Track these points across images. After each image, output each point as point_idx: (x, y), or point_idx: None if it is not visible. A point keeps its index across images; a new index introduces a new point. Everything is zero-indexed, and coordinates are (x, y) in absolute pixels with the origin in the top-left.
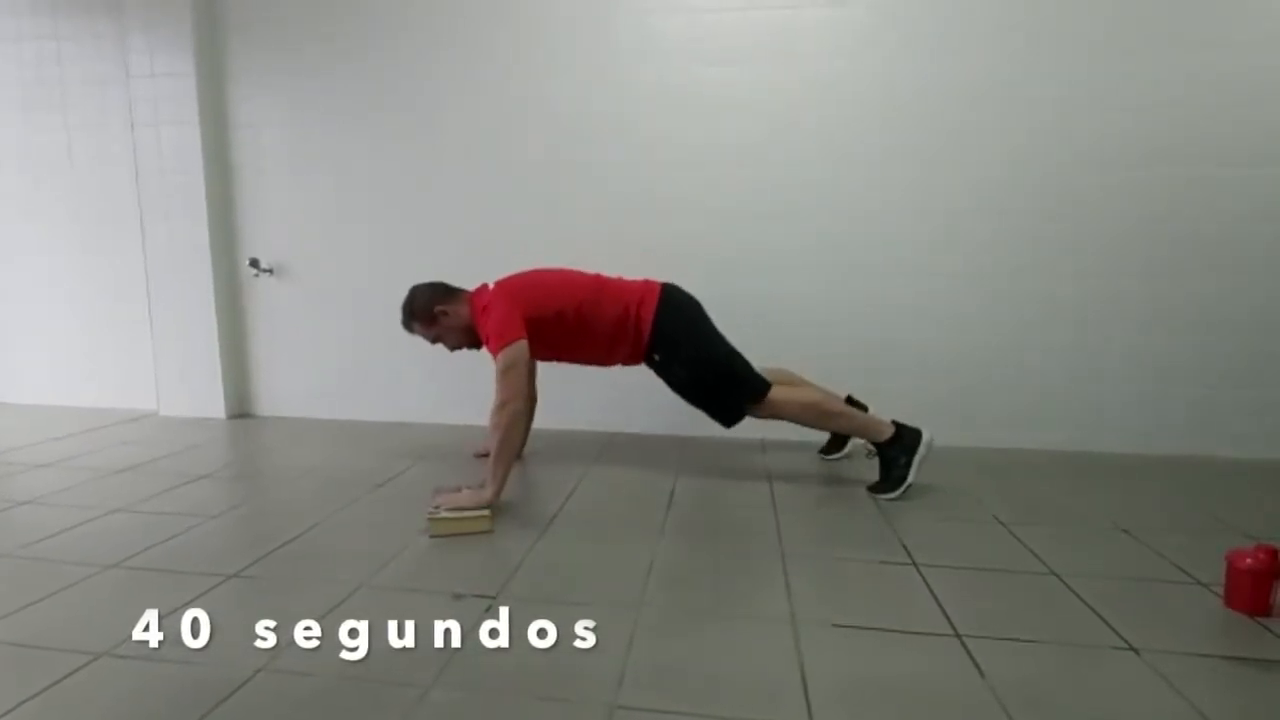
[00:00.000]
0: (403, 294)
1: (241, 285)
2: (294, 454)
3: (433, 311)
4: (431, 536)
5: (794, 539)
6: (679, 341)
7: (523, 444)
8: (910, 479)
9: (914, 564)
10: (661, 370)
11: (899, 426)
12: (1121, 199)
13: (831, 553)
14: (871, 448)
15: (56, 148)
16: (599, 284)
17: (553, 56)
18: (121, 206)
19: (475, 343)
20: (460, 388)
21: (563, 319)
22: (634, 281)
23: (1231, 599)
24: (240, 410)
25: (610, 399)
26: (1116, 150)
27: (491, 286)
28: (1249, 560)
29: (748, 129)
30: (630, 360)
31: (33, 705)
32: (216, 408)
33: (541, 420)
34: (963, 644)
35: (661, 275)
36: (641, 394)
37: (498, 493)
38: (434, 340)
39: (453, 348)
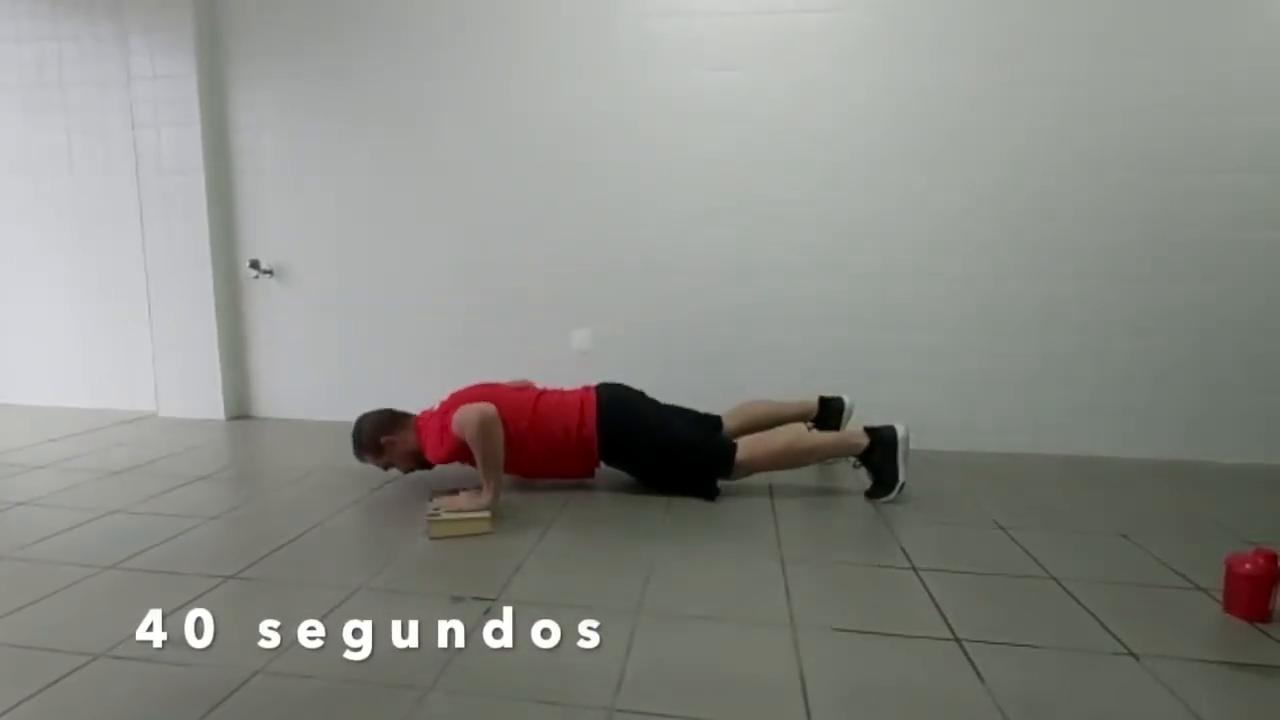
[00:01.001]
0: (403, 295)
1: (241, 287)
2: (293, 455)
3: (379, 442)
4: (431, 538)
5: (793, 543)
6: (629, 444)
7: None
8: (902, 477)
9: (913, 568)
10: (624, 468)
11: (871, 432)
12: (1120, 203)
13: (831, 557)
14: (856, 460)
15: (57, 149)
16: (537, 401)
17: (552, 60)
18: (122, 208)
19: (425, 464)
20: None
21: (520, 436)
22: (570, 393)
23: (1231, 604)
24: (239, 412)
25: None
26: (1115, 154)
27: (434, 407)
28: (1248, 565)
29: (746, 132)
30: (587, 472)
31: (31, 705)
32: (216, 409)
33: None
34: (962, 649)
35: (660, 278)
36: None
37: (495, 494)
38: (385, 468)
39: (405, 471)
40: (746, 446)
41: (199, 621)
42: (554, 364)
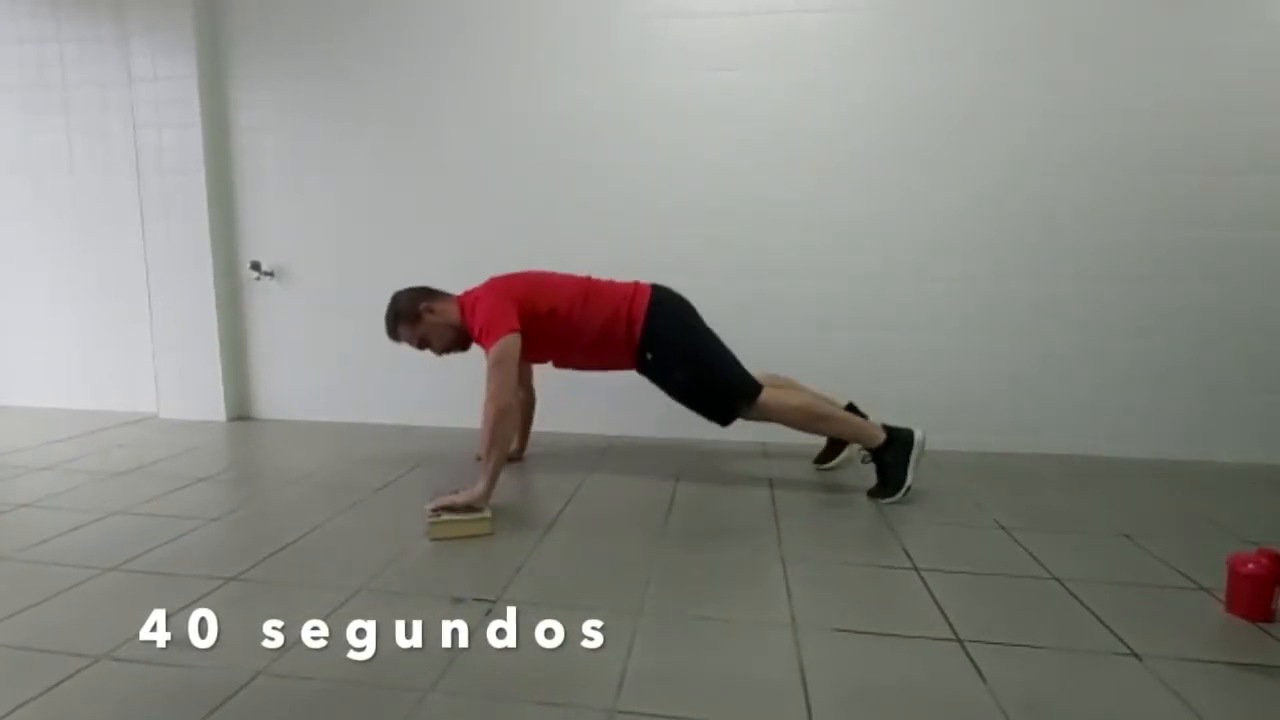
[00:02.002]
0: None
1: (242, 288)
2: (294, 457)
3: (417, 310)
4: (432, 540)
5: (794, 543)
6: (671, 341)
7: (522, 446)
8: (909, 481)
9: (915, 568)
10: (654, 371)
11: (890, 430)
12: (1120, 203)
13: (832, 557)
14: (866, 453)
15: (58, 150)
16: (588, 285)
17: (552, 60)
18: (122, 208)
19: (464, 343)
20: (461, 390)
21: (554, 318)
22: (623, 283)
23: (1233, 604)
24: (240, 413)
25: (611, 403)
26: (1115, 154)
27: (478, 286)
28: (1250, 565)
29: (747, 132)
30: (622, 362)
31: (33, 707)
32: (216, 410)
33: (542, 424)
34: (964, 649)
35: (660, 279)
36: (642, 398)
37: (490, 489)
38: (420, 344)
39: (440, 350)
40: (773, 392)
41: (201, 623)
42: None
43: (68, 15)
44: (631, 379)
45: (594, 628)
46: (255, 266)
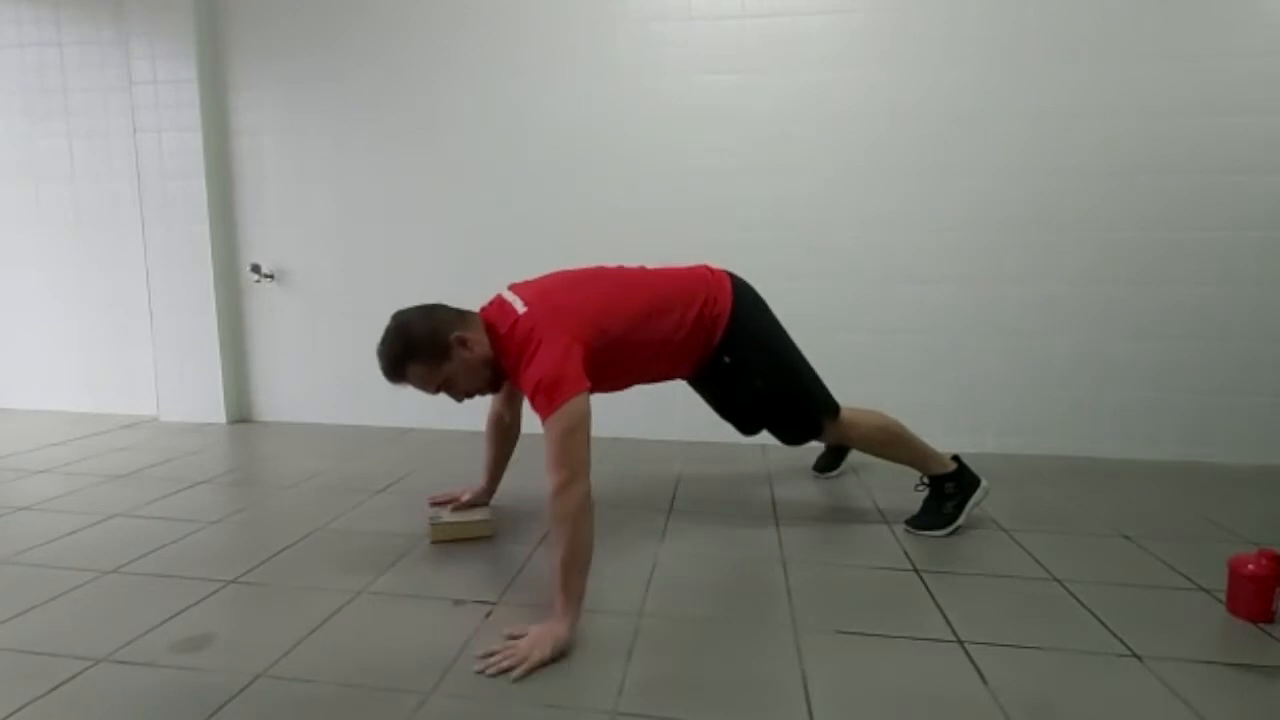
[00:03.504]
0: (405, 298)
1: (242, 291)
2: (294, 459)
3: (446, 342)
4: (432, 542)
5: (795, 545)
6: (758, 343)
7: (498, 475)
8: (960, 521)
9: (915, 570)
10: (726, 377)
11: (960, 465)
12: (1120, 205)
13: (833, 559)
14: (925, 481)
15: (58, 154)
16: (657, 287)
17: (553, 63)
18: (123, 212)
19: (497, 383)
20: None
21: (628, 340)
22: (691, 270)
23: (1234, 605)
24: (240, 415)
25: (611, 403)
26: (1115, 156)
27: (519, 305)
28: (1251, 566)
29: (748, 134)
30: (684, 370)
31: (33, 710)
32: (217, 413)
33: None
34: (965, 650)
35: None
36: (642, 397)
37: (576, 616)
38: (438, 388)
39: (466, 395)
40: (852, 410)
41: (201, 626)
42: None
43: (69, 19)
44: None
45: (594, 629)
46: (255, 269)
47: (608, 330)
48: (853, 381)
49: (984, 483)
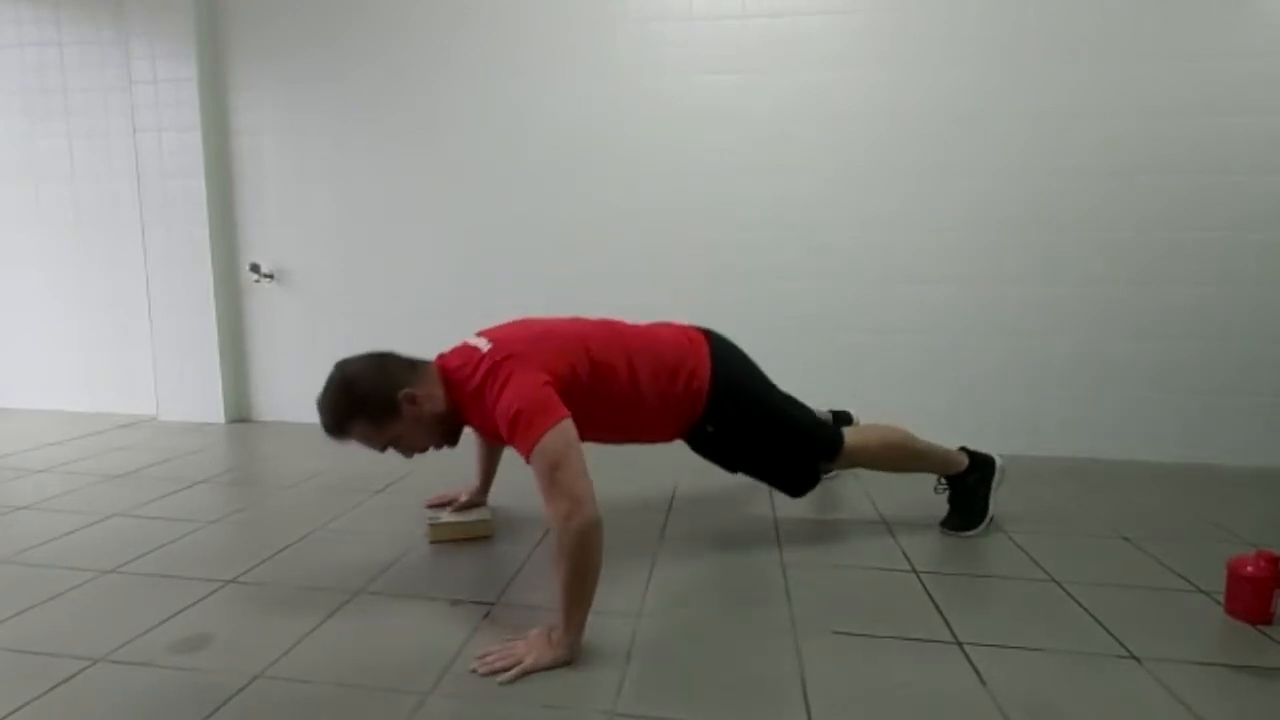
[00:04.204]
0: (404, 298)
1: (241, 290)
2: (293, 459)
3: (394, 400)
4: (431, 542)
5: (794, 546)
6: (741, 409)
7: (486, 486)
8: (991, 511)
9: (914, 571)
10: (714, 443)
11: (971, 454)
12: (1120, 205)
13: (831, 560)
14: (943, 483)
15: (58, 154)
16: (630, 338)
17: (553, 63)
18: (122, 212)
19: (454, 436)
20: None
21: (602, 391)
22: (669, 331)
23: (1232, 606)
24: (239, 415)
25: None
26: (1115, 157)
27: (483, 345)
28: (1250, 567)
29: (748, 134)
30: (664, 435)
31: (32, 710)
32: (216, 413)
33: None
34: (963, 651)
35: (660, 279)
36: None
37: (577, 640)
38: (384, 447)
39: (419, 450)
40: (851, 433)
41: (199, 626)
42: None
43: (68, 18)
44: None
45: (594, 629)
46: (255, 269)
47: (577, 371)
48: (853, 382)
49: (998, 461)
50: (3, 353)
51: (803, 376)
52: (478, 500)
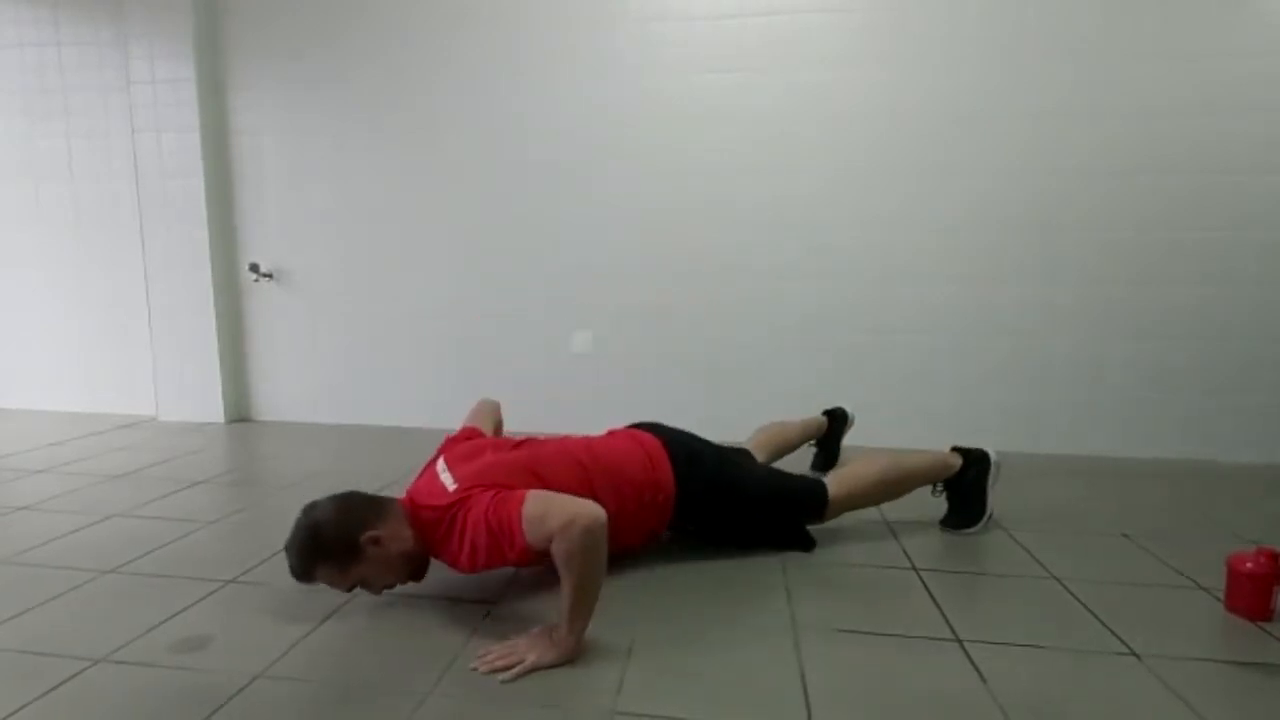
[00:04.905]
0: (404, 297)
1: (241, 290)
2: (293, 459)
3: (356, 543)
4: None
5: None
6: (713, 503)
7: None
8: (990, 507)
9: (914, 569)
10: (701, 536)
11: (964, 452)
12: (1119, 205)
13: (831, 558)
14: (939, 486)
15: (57, 154)
16: (589, 459)
17: (552, 62)
18: (122, 212)
19: (420, 570)
20: (460, 392)
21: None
22: (621, 441)
23: (1232, 603)
24: (239, 415)
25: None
26: (1115, 156)
27: (450, 483)
28: (1249, 564)
29: (747, 134)
30: (652, 540)
31: (32, 710)
32: (215, 413)
33: (539, 427)
34: (963, 649)
35: (659, 279)
36: (643, 396)
37: (577, 644)
38: (350, 588)
39: (387, 587)
40: (836, 483)
41: (200, 626)
42: (554, 366)
43: (67, 19)
44: (628, 369)
45: (594, 628)
46: (254, 269)
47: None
48: (853, 382)
49: (991, 455)
50: (3, 353)
51: (803, 376)
52: None
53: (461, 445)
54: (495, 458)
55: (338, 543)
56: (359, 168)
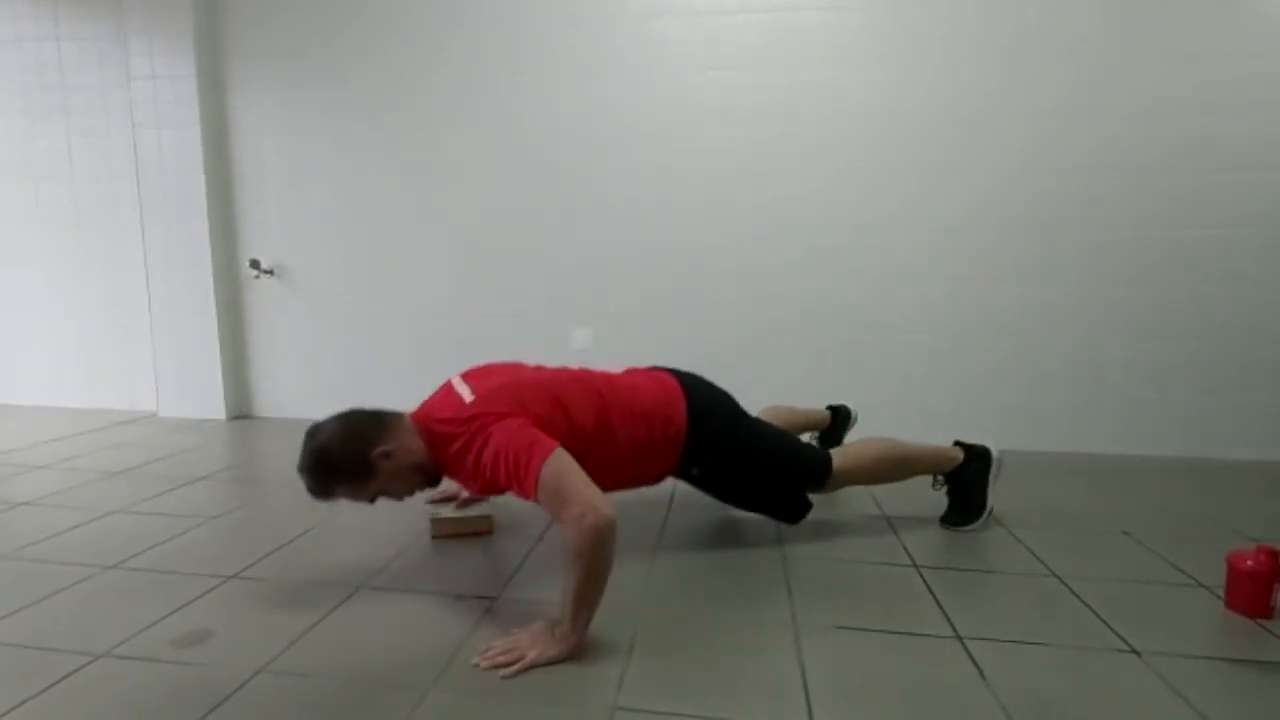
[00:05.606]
0: (404, 294)
1: (241, 286)
2: (294, 455)
3: (367, 461)
4: (433, 538)
5: (795, 541)
6: (721, 450)
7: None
8: (990, 503)
9: (915, 566)
10: (702, 483)
11: (966, 447)
12: (1119, 204)
13: (832, 555)
14: (940, 480)
15: (57, 153)
16: (601, 389)
17: (552, 60)
18: (122, 211)
19: (436, 477)
20: None
21: (575, 436)
22: (641, 378)
23: (1232, 601)
24: (240, 411)
25: None
26: (1115, 155)
27: (466, 394)
28: (1250, 562)
29: (747, 132)
30: (648, 480)
31: (33, 705)
32: (216, 409)
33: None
34: (964, 646)
35: (658, 278)
36: None
37: (583, 636)
38: (372, 500)
39: (407, 495)
40: (839, 455)
41: (201, 621)
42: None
43: (67, 15)
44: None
45: (595, 624)
46: (255, 265)
47: (556, 426)
48: (852, 381)
49: (993, 452)
50: (4, 350)
51: (803, 375)
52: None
53: (477, 368)
54: (513, 378)
55: (348, 462)
56: (359, 167)
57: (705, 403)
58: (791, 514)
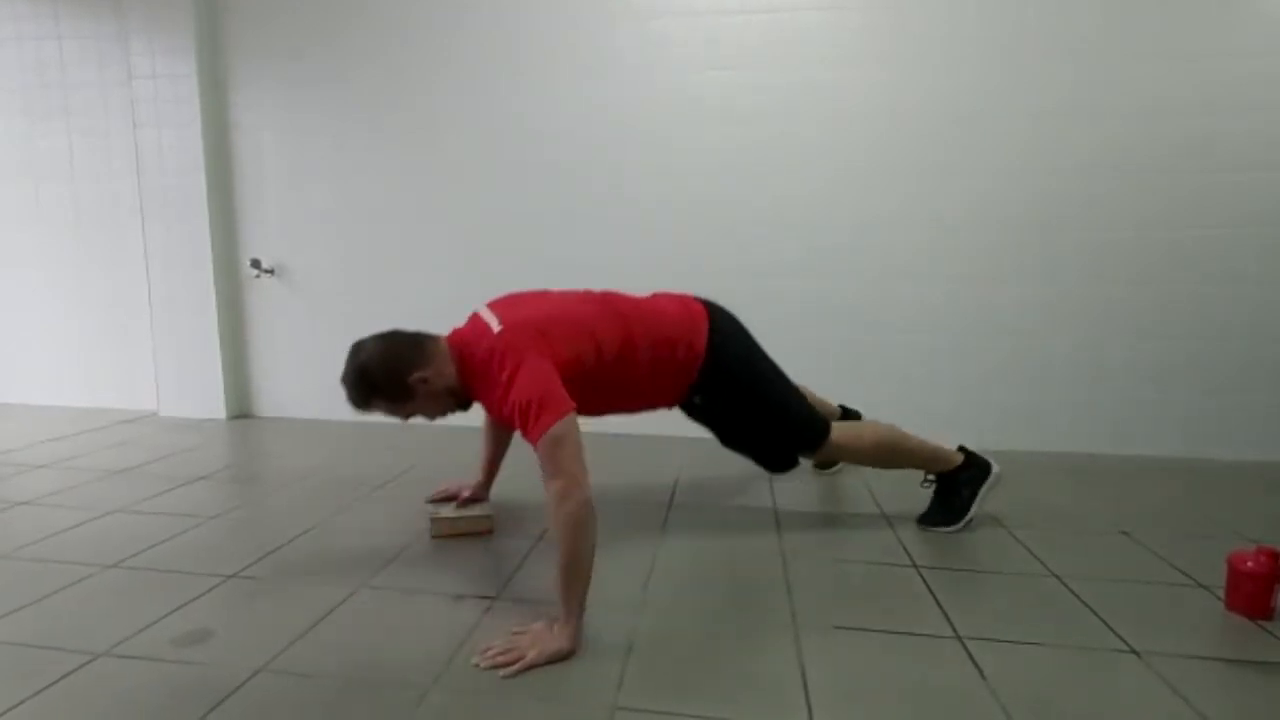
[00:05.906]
0: (405, 294)
1: (242, 286)
2: (294, 455)
3: (406, 384)
4: (433, 537)
5: (795, 540)
6: (732, 384)
7: (491, 478)
8: (972, 512)
9: (915, 566)
10: (701, 414)
11: (969, 454)
12: (1119, 204)
13: (832, 554)
14: (930, 479)
15: (58, 153)
16: (629, 313)
17: (552, 60)
18: (123, 210)
19: (466, 403)
20: None
21: (604, 370)
22: (674, 305)
23: (1232, 601)
24: (240, 411)
25: None
26: (1115, 155)
27: (494, 324)
28: (1250, 563)
29: (747, 132)
30: (660, 404)
31: (33, 704)
32: (217, 408)
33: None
34: (964, 646)
35: (658, 277)
36: None
37: (578, 625)
38: (407, 417)
39: (440, 416)
40: (842, 430)
41: (201, 620)
42: None
43: (67, 12)
44: None
45: (595, 623)
46: (255, 264)
47: (583, 359)
48: (852, 381)
49: (995, 468)
50: (4, 350)
51: (803, 376)
52: (480, 496)
53: (504, 296)
54: (540, 309)
55: (388, 382)
56: (359, 167)
57: (728, 334)
58: (778, 464)
